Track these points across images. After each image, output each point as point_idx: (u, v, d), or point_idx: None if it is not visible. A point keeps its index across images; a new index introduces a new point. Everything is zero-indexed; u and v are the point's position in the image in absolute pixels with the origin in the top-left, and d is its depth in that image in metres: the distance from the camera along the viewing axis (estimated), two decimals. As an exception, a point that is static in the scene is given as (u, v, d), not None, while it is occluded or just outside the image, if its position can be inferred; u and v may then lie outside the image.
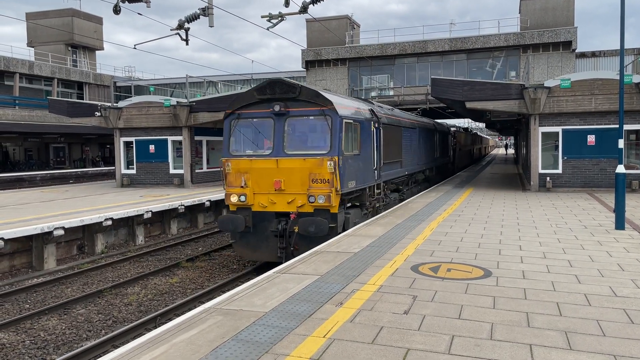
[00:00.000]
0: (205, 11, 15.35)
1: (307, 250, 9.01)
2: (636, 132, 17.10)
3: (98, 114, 22.58)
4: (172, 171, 22.40)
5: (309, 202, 10.21)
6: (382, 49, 36.31)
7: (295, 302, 5.62)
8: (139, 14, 14.41)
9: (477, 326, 4.84)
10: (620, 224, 10.02)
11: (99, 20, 50.31)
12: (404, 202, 15.10)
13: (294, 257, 9.28)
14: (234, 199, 10.76)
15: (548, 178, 17.76)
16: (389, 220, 11.46)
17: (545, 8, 33.84)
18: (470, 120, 48.84)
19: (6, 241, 11.08)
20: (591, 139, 17.28)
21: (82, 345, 7.53)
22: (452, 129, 32.09)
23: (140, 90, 42.59)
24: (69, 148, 44.84)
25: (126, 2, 13.81)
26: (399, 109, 27.05)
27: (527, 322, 4.94)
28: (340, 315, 5.16)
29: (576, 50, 33.17)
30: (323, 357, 4.18)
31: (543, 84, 17.60)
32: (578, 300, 5.60)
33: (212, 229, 17.71)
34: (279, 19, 16.87)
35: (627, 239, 9.11)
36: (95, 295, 9.96)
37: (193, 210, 17.85)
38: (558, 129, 17.57)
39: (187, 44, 16.42)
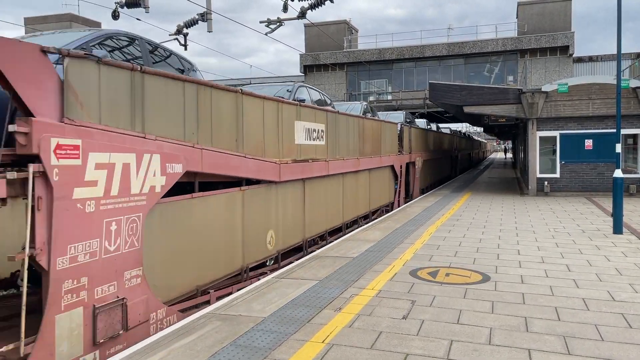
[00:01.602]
0: (204, 16, 15.42)
1: None
2: (633, 136, 17.16)
3: None
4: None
5: None
6: (380, 54, 36.43)
7: (294, 307, 5.61)
8: (137, 19, 14.45)
9: (475, 331, 4.84)
10: (618, 228, 10.03)
11: (97, 25, 50.41)
12: (402, 207, 15.10)
13: None
14: None
15: (546, 182, 17.79)
16: (387, 225, 11.47)
17: (542, 13, 34.03)
18: (468, 124, 48.96)
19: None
20: (589, 143, 17.34)
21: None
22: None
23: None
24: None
25: (125, 7, 13.86)
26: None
27: (526, 326, 4.95)
28: (339, 320, 5.16)
29: (574, 55, 33.35)
30: (322, 363, 4.17)
31: (540, 89, 17.67)
32: (576, 305, 5.61)
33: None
34: (277, 24, 16.95)
35: (625, 243, 9.13)
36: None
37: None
38: (556, 134, 17.63)
39: (185, 49, 16.47)
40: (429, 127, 25.55)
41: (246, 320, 5.18)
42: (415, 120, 23.91)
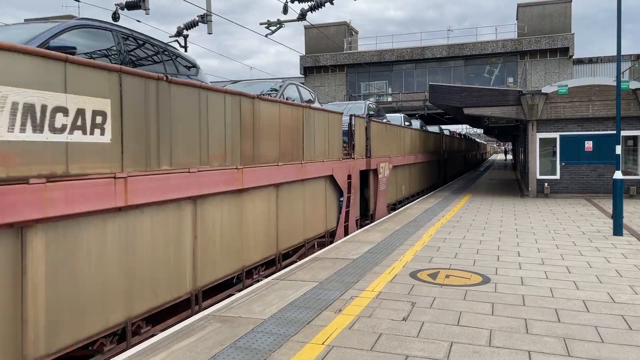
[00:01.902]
0: (204, 18, 15.45)
1: None
2: (633, 138, 17.16)
3: None
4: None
5: None
6: (380, 55, 36.48)
7: (294, 309, 5.62)
8: (137, 21, 14.47)
9: (475, 333, 4.84)
10: (618, 230, 10.04)
11: (97, 27, 50.32)
12: (402, 208, 15.12)
13: None
14: None
15: (546, 184, 17.80)
16: (387, 227, 11.47)
17: (542, 14, 34.08)
18: (468, 126, 48.98)
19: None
20: (589, 144, 17.35)
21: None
22: None
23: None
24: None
25: (125, 9, 13.89)
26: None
27: (526, 328, 4.95)
28: (339, 322, 5.16)
29: (573, 57, 33.39)
30: (322, 364, 4.18)
31: (540, 90, 17.69)
32: (576, 307, 5.61)
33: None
34: (278, 26, 16.98)
35: (625, 245, 9.13)
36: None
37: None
38: (556, 135, 17.64)
39: (185, 50, 16.49)
40: (407, 123, 20.97)
41: (246, 322, 5.18)
42: (387, 115, 19.51)
